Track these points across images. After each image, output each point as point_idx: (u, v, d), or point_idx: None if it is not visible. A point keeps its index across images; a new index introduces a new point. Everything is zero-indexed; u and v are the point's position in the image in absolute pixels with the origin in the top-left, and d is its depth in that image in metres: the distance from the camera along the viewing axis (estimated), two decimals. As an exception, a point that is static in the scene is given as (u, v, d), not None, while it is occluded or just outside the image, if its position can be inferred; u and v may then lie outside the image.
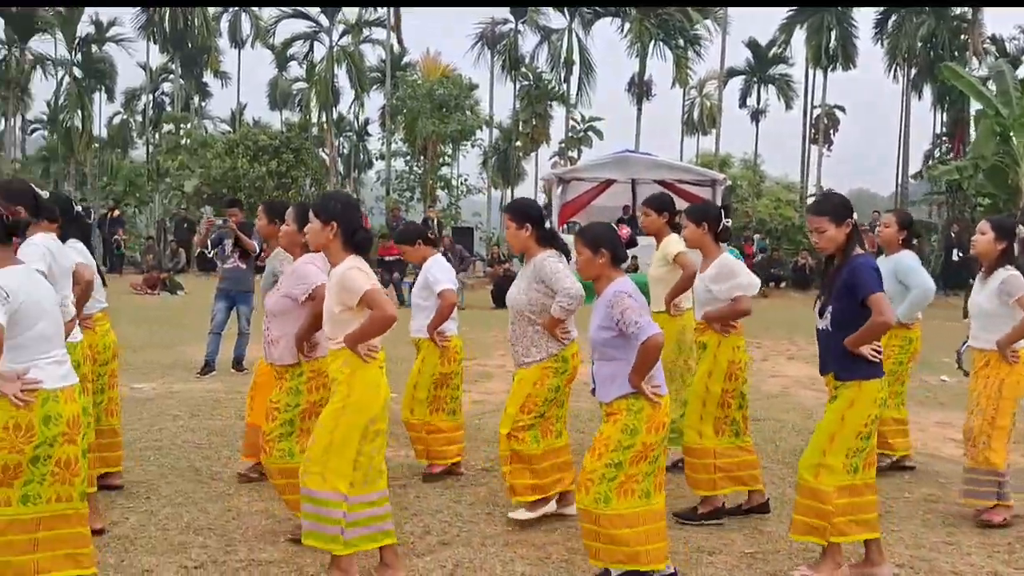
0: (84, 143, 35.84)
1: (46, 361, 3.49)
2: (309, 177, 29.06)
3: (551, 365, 4.90)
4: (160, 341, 12.22)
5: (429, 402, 5.91)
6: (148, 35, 36.61)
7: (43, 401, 3.44)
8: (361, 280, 3.95)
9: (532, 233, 4.92)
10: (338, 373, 4.02)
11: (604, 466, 3.97)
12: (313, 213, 4.12)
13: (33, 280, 3.53)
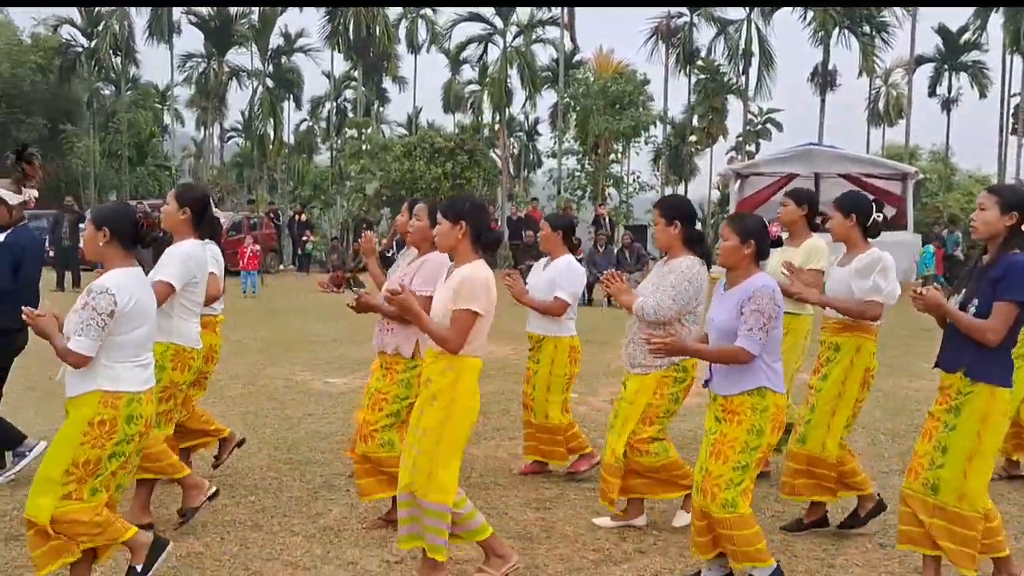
0: (276, 149, 38.00)
1: (136, 364, 3.71)
2: (481, 178, 29.54)
3: (671, 374, 4.76)
4: (349, 337, 12.65)
5: (560, 404, 5.84)
6: (333, 44, 38.36)
7: (128, 402, 3.66)
8: (475, 294, 3.91)
9: (680, 232, 4.76)
10: (439, 377, 3.95)
11: (732, 470, 3.88)
12: (441, 214, 4.11)
13: (143, 285, 3.77)
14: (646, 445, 4.80)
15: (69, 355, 3.57)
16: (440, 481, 3.90)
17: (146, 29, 37.64)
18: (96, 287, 3.61)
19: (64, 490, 3.65)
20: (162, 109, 48.78)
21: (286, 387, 9.04)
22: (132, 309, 3.66)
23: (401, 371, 4.72)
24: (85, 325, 3.55)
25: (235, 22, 38.12)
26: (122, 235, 3.75)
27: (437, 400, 3.92)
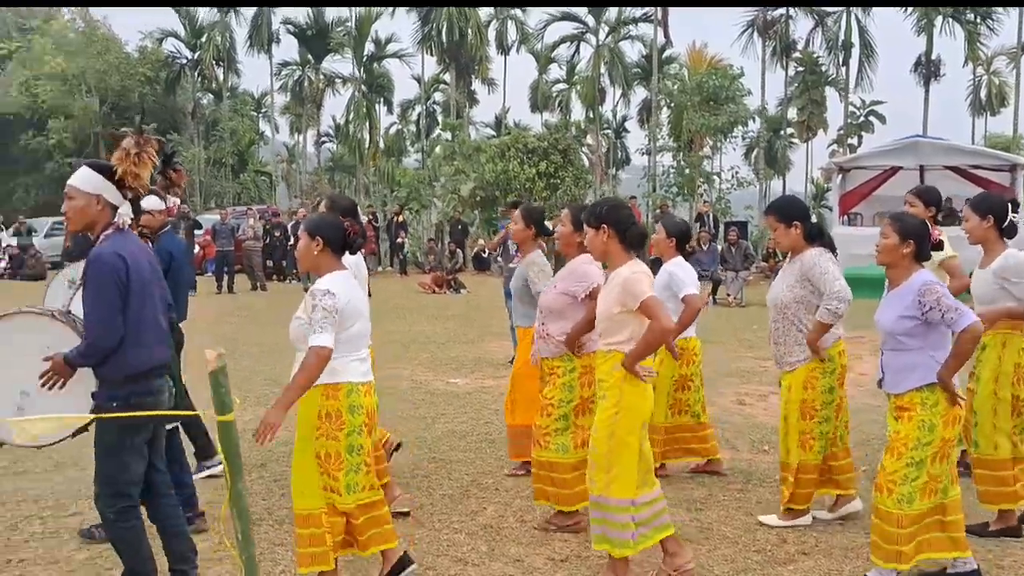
0: (371, 153, 38.72)
1: (353, 358, 3.93)
2: (574, 177, 29.50)
3: (817, 365, 4.77)
4: (459, 337, 12.85)
5: (669, 405, 5.85)
6: (425, 48, 38.92)
7: (347, 392, 3.88)
8: (644, 285, 3.98)
9: (801, 231, 4.82)
10: (608, 376, 4.04)
11: (905, 466, 3.91)
12: (584, 222, 4.20)
13: (354, 286, 4.00)
14: (812, 442, 4.84)
15: (317, 354, 3.69)
16: (620, 478, 3.98)
17: (247, 40, 38.85)
18: (317, 291, 3.83)
19: (324, 481, 3.90)
20: (257, 116, 50.22)
21: (412, 388, 9.24)
22: (348, 307, 3.87)
23: (561, 375, 4.84)
24: (321, 321, 3.74)
25: (331, 30, 38.98)
26: (333, 243, 3.98)
27: (607, 398, 4.03)
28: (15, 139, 34.89)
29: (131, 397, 3.73)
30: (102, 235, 3.80)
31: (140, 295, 3.77)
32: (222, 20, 37.66)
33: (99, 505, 3.87)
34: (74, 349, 3.72)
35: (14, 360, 3.81)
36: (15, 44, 37.26)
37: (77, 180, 3.85)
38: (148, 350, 3.83)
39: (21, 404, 3.83)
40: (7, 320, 3.98)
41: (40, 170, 34.29)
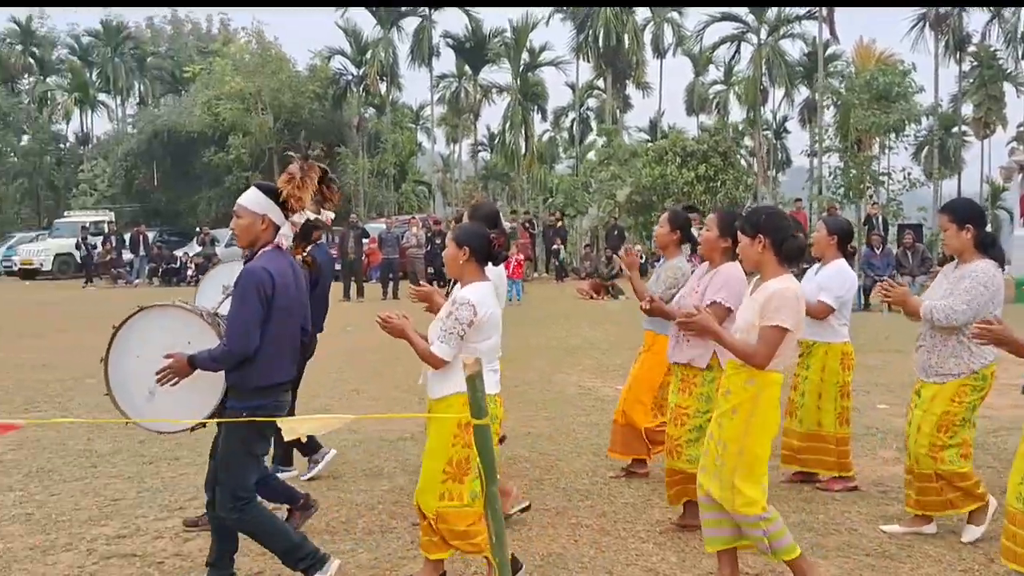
0: (528, 161, 39.18)
1: (488, 369, 3.89)
2: (735, 180, 28.82)
3: (970, 382, 4.61)
4: (622, 343, 12.75)
5: (837, 413, 5.66)
6: (582, 55, 39.05)
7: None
8: (784, 312, 3.80)
9: (973, 235, 4.58)
10: (740, 390, 3.89)
11: None
12: (740, 230, 4.06)
13: (495, 299, 4.09)
14: (939, 452, 4.67)
15: (431, 357, 3.95)
16: (745, 495, 3.86)
17: (408, 54, 40.16)
18: (460, 299, 3.94)
19: (442, 488, 3.98)
20: (415, 128, 51.77)
21: (580, 393, 9.26)
22: (488, 320, 3.98)
23: (699, 384, 4.76)
24: (448, 333, 3.92)
25: (489, 41, 39.73)
26: (479, 253, 4.07)
27: (738, 413, 3.89)
28: (198, 155, 37.37)
29: (258, 410, 3.88)
30: (260, 251, 4.01)
31: (282, 312, 3.95)
32: (385, 36, 39.05)
33: (222, 511, 4.04)
34: (205, 351, 3.91)
35: (159, 348, 4.02)
36: (198, 67, 39.94)
37: (245, 200, 4.08)
38: (280, 366, 4.00)
39: (153, 390, 4.07)
40: (163, 310, 4.34)
41: (220, 184, 36.60)
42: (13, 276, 32.40)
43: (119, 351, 4.23)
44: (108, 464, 6.61)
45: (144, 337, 4.21)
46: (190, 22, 53.49)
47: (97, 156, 46.34)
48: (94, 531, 5.16)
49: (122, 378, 4.21)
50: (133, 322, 4.26)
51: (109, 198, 41.48)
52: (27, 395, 9.41)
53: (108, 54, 47.31)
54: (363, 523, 5.25)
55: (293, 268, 4.11)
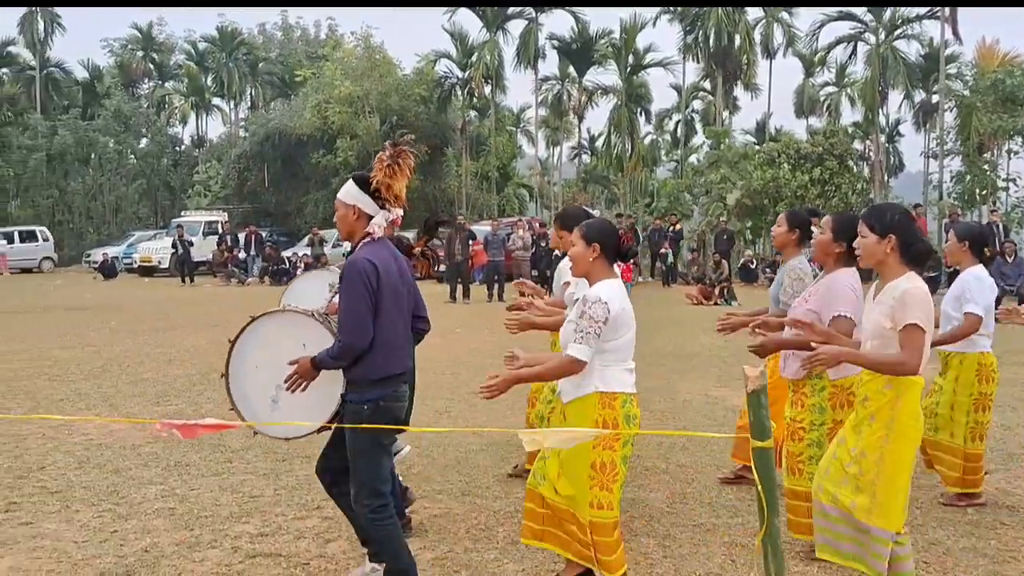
0: (633, 163, 38.75)
1: (624, 368, 3.89)
2: (851, 184, 27.80)
3: None
4: (742, 351, 12.36)
5: (969, 427, 5.36)
6: (691, 55, 38.41)
7: (623, 402, 3.85)
8: (919, 309, 3.60)
9: None
10: (877, 396, 3.66)
11: None
12: (867, 227, 3.84)
13: (624, 294, 3.93)
14: None
15: (570, 365, 3.80)
16: (885, 507, 3.64)
17: (514, 57, 40.20)
18: (590, 298, 3.83)
19: (590, 496, 3.84)
20: (515, 131, 51.86)
21: (708, 403, 8.94)
22: (621, 316, 3.85)
23: (810, 395, 4.53)
24: (584, 334, 3.79)
25: (595, 43, 39.46)
26: (608, 251, 3.96)
27: (876, 420, 3.68)
28: (307, 158, 38.22)
29: (380, 400, 3.86)
30: (359, 244, 3.96)
31: (390, 301, 3.88)
32: (491, 39, 39.19)
33: (357, 506, 3.99)
34: (324, 351, 3.86)
35: (277, 355, 4.01)
36: (308, 71, 40.88)
37: (341, 192, 4.06)
38: (396, 355, 3.95)
39: (276, 397, 4.07)
40: (274, 317, 4.27)
41: (327, 186, 37.30)
42: (132, 273, 33.73)
43: (238, 364, 4.21)
44: (242, 460, 6.64)
45: (260, 346, 4.18)
46: (299, 28, 54.94)
47: (211, 158, 47.98)
48: (236, 528, 5.14)
49: (244, 391, 4.18)
50: (247, 334, 4.23)
51: (222, 199, 42.86)
52: (159, 389, 9.61)
53: (223, 59, 48.90)
54: (504, 532, 5.09)
55: (395, 257, 4.05)
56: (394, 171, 3.94)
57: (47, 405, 8.65)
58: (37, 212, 43.32)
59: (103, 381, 10.07)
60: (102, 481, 6.08)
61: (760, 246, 31.28)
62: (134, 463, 6.56)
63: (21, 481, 6.08)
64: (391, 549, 4.00)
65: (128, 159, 48.31)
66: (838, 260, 4.56)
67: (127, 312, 18.94)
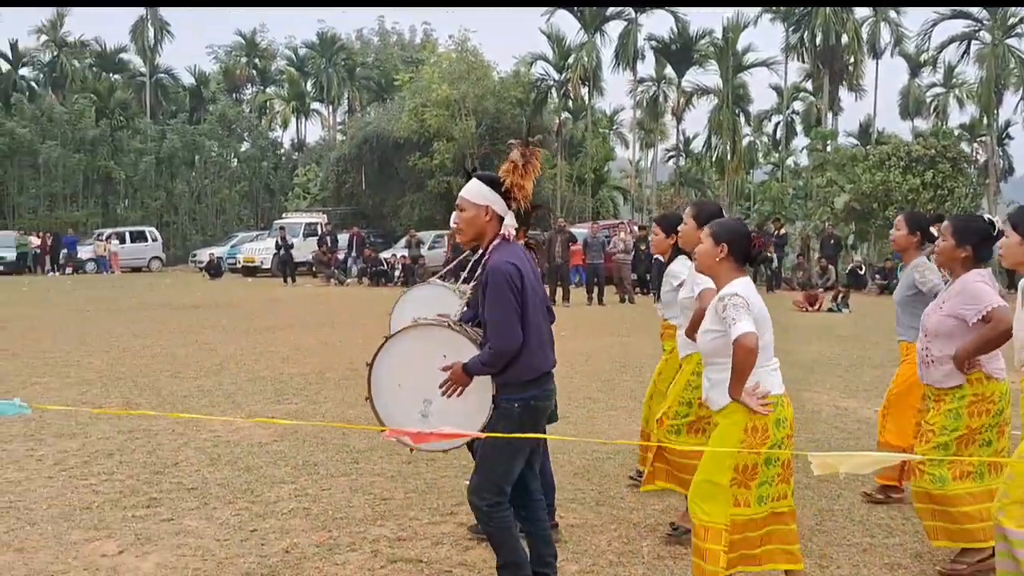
0: (735, 166, 38.02)
1: (770, 368, 3.79)
2: (965, 188, 26.64)
3: None
4: (867, 361, 11.88)
5: None
6: (795, 55, 37.49)
7: (774, 406, 3.74)
8: None
9: None
10: None
11: None
12: (1012, 227, 3.78)
13: (756, 293, 3.83)
14: None
15: (745, 340, 3.57)
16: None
17: (612, 59, 39.94)
18: (725, 295, 3.74)
19: (730, 493, 3.76)
20: (608, 133, 51.51)
21: (837, 414, 8.57)
22: (759, 315, 3.73)
23: (949, 401, 4.34)
24: (734, 314, 3.63)
25: (695, 43, 38.90)
26: (737, 251, 3.85)
27: None
28: (403, 160, 38.70)
29: (531, 400, 3.85)
30: (491, 246, 3.89)
31: (533, 301, 3.85)
32: (589, 40, 38.99)
33: (475, 499, 3.92)
34: (475, 357, 3.82)
35: (418, 369, 3.98)
36: (407, 75, 41.37)
37: (467, 192, 3.95)
38: (543, 354, 3.91)
39: (425, 411, 4.01)
40: (408, 333, 4.13)
41: (423, 188, 37.67)
42: (236, 272, 34.66)
43: (380, 385, 4.12)
44: (368, 461, 6.61)
45: (398, 364, 4.10)
46: (395, 33, 55.73)
47: (310, 161, 49.04)
48: (373, 531, 5.08)
49: (391, 411, 4.10)
50: (384, 354, 4.13)
51: (320, 201, 43.73)
52: (276, 387, 9.72)
53: (322, 65, 49.96)
54: (648, 546, 4.89)
55: (528, 257, 4.01)
56: (526, 171, 3.90)
57: (173, 401, 8.83)
58: (146, 213, 45.02)
59: (223, 378, 10.25)
60: (235, 479, 6.11)
61: (867, 251, 30.26)
62: (264, 461, 6.59)
63: (158, 477, 6.16)
64: (507, 543, 3.95)
65: (230, 162, 49.79)
66: (964, 264, 4.41)
67: (236, 311, 19.40)
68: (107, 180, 45.15)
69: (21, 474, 6.19)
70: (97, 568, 4.50)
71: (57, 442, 7.12)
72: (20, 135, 42.26)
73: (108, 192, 45.95)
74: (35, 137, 42.76)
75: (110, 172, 44.57)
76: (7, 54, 48.45)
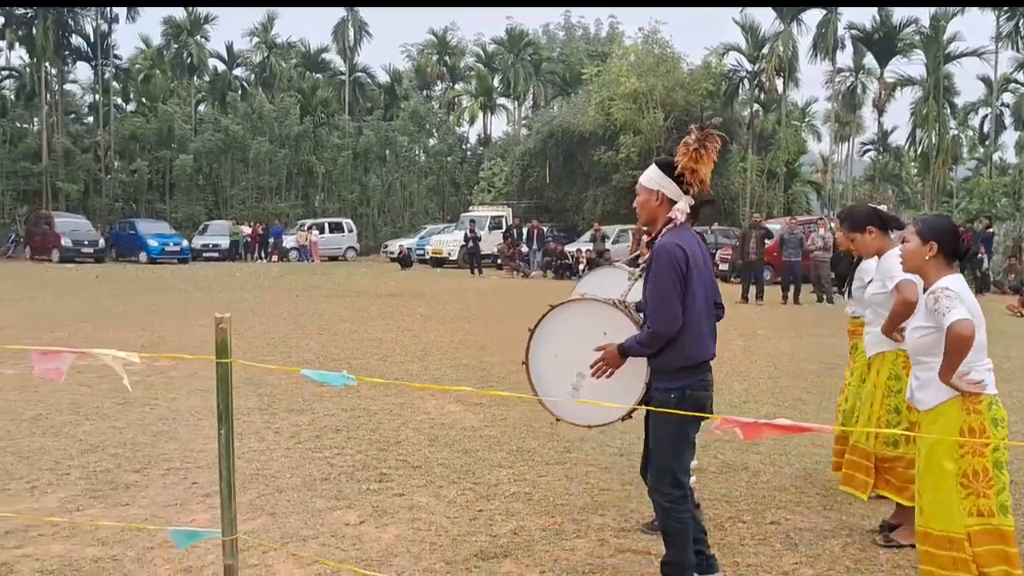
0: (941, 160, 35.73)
1: (984, 367, 3.62)
2: None
3: None
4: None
5: None
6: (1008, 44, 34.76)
7: (989, 405, 3.58)
8: None
9: None
10: None
11: None
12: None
13: (969, 290, 3.66)
14: None
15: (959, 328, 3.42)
16: None
17: (810, 49, 38.42)
18: (937, 288, 3.60)
19: (966, 504, 3.58)
20: (800, 126, 49.56)
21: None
22: (972, 309, 3.56)
23: None
24: (946, 305, 3.50)
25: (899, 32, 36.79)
26: (946, 249, 3.74)
27: None
28: (588, 155, 38.81)
29: (687, 388, 3.80)
30: (663, 230, 3.88)
31: (698, 287, 3.79)
32: (786, 30, 37.65)
33: (656, 495, 3.92)
34: (631, 338, 3.83)
35: (577, 343, 4.04)
36: (595, 69, 41.47)
37: (643, 177, 4.02)
38: (703, 342, 3.85)
39: (577, 384, 4.09)
40: (574, 305, 4.27)
41: (607, 182, 37.63)
42: (424, 263, 35.91)
43: (537, 353, 4.26)
44: (580, 451, 6.66)
45: (559, 335, 4.20)
46: (581, 27, 55.93)
47: (495, 156, 50.07)
48: (596, 520, 5.11)
49: (543, 378, 4.23)
50: (547, 322, 4.24)
51: (504, 195, 44.57)
52: (480, 375, 9.98)
53: (510, 60, 50.85)
54: (887, 556, 4.65)
55: (699, 242, 3.96)
56: (700, 155, 3.84)
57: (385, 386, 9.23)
58: (342, 205, 47.44)
59: (428, 364, 10.63)
60: (455, 460, 6.32)
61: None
62: (479, 445, 6.78)
63: (384, 453, 6.46)
64: (681, 542, 3.91)
65: (419, 157, 51.62)
66: None
67: (428, 300, 20.08)
68: (308, 174, 47.93)
69: (262, 444, 6.66)
70: (343, 536, 4.77)
71: (289, 416, 7.61)
72: (233, 132, 45.57)
73: (308, 185, 48.77)
74: (246, 133, 45.99)
75: (311, 166, 47.28)
76: (223, 56, 52.31)
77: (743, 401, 8.68)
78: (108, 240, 37.23)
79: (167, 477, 5.82)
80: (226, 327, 3.01)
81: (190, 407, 7.94)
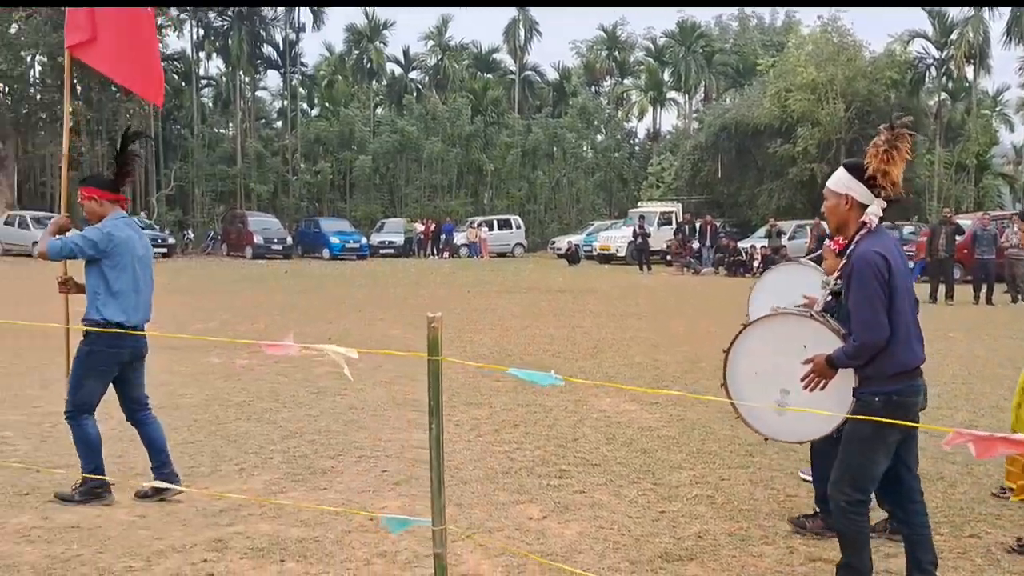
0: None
1: None
2: None
3: None
4: None
5: None
6: None
7: None
8: None
9: None
10: None
11: None
12: None
13: None
14: None
15: None
16: None
17: (1003, 33, 35.73)
18: None
19: None
20: (991, 115, 46.16)
21: None
22: None
23: None
24: None
25: None
26: None
27: None
28: (762, 148, 37.65)
29: (895, 394, 3.68)
30: (857, 235, 3.77)
31: (902, 291, 3.68)
32: (976, 15, 35.17)
33: (833, 492, 3.82)
34: (839, 349, 3.71)
35: (776, 358, 3.99)
36: (771, 60, 40.19)
37: (830, 180, 3.91)
38: (912, 348, 3.72)
39: (781, 401, 3.99)
40: (767, 321, 4.17)
41: (783, 176, 36.40)
42: (591, 260, 35.94)
43: (736, 372, 4.18)
44: (763, 455, 6.48)
45: (756, 351, 4.12)
46: (755, 17, 54.31)
47: (665, 151, 49.45)
48: (783, 527, 4.97)
49: (747, 398, 4.14)
50: (741, 340, 4.17)
51: (674, 190, 43.94)
52: (654, 373, 9.91)
53: (681, 53, 50.06)
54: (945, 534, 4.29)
55: (897, 246, 3.82)
56: (891, 156, 3.71)
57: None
58: (510, 203, 48.22)
59: (600, 361, 10.65)
60: (634, 459, 6.31)
61: None
62: (657, 445, 6.73)
63: (562, 450, 6.54)
64: (857, 546, 3.82)
65: (586, 153, 51.71)
66: None
67: (597, 296, 20.09)
68: (478, 172, 49.03)
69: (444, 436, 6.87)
70: (527, 529, 4.86)
71: (468, 410, 7.83)
72: (408, 133, 47.24)
73: (478, 183, 49.89)
74: (421, 134, 47.57)
75: (481, 164, 48.34)
76: (400, 60, 54.30)
77: (936, 408, 8.17)
78: (295, 237, 39.54)
79: (359, 464, 6.12)
80: (437, 326, 3.16)
81: (376, 398, 8.32)
